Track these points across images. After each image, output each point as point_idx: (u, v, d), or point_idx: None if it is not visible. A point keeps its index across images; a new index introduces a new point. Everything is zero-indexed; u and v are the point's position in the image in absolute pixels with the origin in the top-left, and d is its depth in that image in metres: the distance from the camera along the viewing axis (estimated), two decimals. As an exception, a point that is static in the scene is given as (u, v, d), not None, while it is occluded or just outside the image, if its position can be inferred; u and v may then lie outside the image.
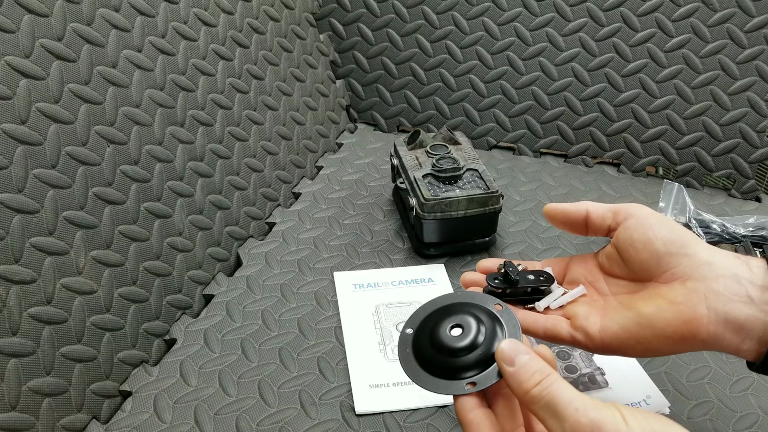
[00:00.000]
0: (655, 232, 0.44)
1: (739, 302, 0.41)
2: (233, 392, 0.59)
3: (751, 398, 0.58)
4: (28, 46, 0.57)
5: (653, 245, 0.44)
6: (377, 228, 0.80)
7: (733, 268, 0.42)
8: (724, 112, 0.88)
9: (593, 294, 0.49)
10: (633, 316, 0.44)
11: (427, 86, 0.98)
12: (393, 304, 0.69)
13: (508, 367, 0.38)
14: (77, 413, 0.55)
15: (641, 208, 0.47)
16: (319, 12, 1.01)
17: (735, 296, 0.41)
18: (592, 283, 0.49)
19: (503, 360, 0.39)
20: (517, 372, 0.38)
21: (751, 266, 0.42)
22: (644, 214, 0.46)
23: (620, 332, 0.44)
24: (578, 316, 0.47)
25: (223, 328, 0.65)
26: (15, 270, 0.53)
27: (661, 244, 0.44)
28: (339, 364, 0.62)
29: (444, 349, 0.42)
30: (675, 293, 0.43)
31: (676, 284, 0.43)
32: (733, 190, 0.89)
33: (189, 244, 0.70)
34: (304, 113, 0.93)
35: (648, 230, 0.45)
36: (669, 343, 0.43)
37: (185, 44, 0.74)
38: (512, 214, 0.82)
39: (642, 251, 0.45)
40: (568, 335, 0.47)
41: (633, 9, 0.89)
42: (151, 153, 0.67)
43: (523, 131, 0.96)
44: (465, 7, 0.95)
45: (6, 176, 0.53)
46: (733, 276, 0.42)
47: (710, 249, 0.44)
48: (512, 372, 0.38)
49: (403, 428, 0.56)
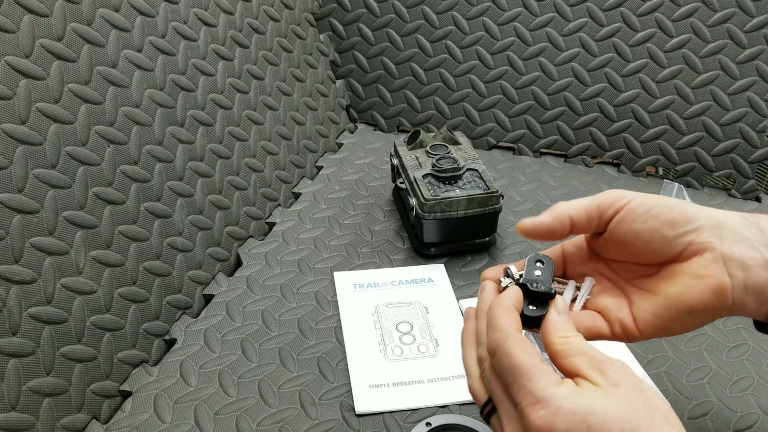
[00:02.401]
0: (659, 219, 0.43)
1: (756, 266, 0.41)
2: (233, 392, 0.59)
3: (751, 398, 0.58)
4: (28, 46, 0.57)
5: (660, 232, 0.43)
6: (377, 228, 0.80)
7: (743, 232, 0.42)
8: (724, 112, 0.88)
9: (602, 281, 0.48)
10: (661, 300, 0.43)
11: (427, 86, 0.98)
12: (393, 304, 0.69)
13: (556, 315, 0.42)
14: (77, 413, 0.55)
15: (626, 196, 0.44)
16: (319, 12, 1.01)
17: (752, 261, 0.41)
18: (597, 270, 0.48)
19: (556, 307, 0.42)
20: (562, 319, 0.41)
21: (762, 228, 0.42)
22: (637, 203, 0.43)
23: (654, 319, 0.43)
24: (609, 309, 0.46)
25: (223, 328, 0.65)
26: (15, 270, 0.53)
27: (668, 228, 0.42)
28: (339, 364, 0.62)
29: None
30: (696, 267, 0.42)
31: (695, 259, 0.42)
32: (733, 190, 0.89)
33: (189, 244, 0.70)
34: (304, 113, 0.93)
35: (649, 219, 0.43)
36: (702, 317, 0.42)
37: (185, 44, 0.74)
38: (512, 214, 0.82)
39: (650, 241, 0.43)
40: (608, 331, 0.45)
41: (633, 9, 0.89)
42: (151, 153, 0.67)
43: (523, 131, 0.96)
44: (465, 7, 0.95)
45: (6, 176, 0.53)
46: (745, 240, 0.41)
47: (714, 214, 0.43)
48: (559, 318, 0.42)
49: (403, 428, 0.56)
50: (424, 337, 0.64)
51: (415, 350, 0.63)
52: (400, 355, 0.63)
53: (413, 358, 0.62)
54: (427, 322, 0.66)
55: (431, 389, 0.59)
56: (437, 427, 0.55)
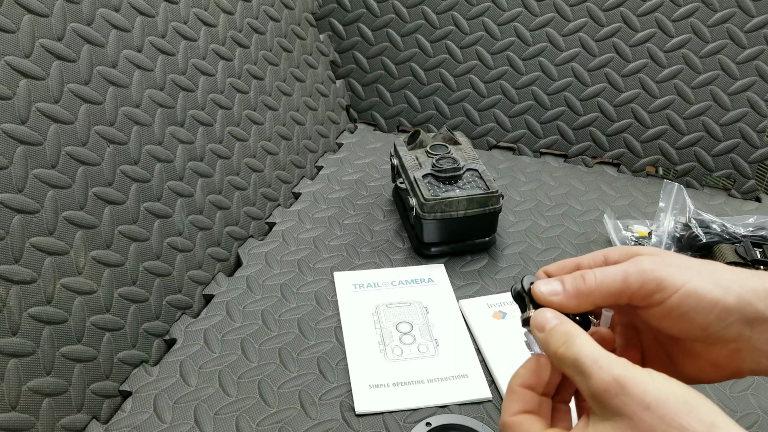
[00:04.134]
0: (693, 324, 0.39)
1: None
2: (233, 392, 0.59)
3: (751, 398, 0.58)
4: (28, 46, 0.57)
5: (691, 333, 0.39)
6: (377, 228, 0.80)
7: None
8: (724, 112, 0.87)
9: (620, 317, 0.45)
10: (675, 371, 0.42)
11: (427, 86, 0.98)
12: (393, 304, 0.69)
13: (540, 334, 0.39)
14: (77, 413, 0.55)
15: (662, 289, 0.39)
16: (319, 12, 1.01)
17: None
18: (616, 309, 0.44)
19: (535, 327, 0.40)
20: (546, 337, 0.39)
21: None
22: (673, 304, 0.39)
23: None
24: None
25: (223, 328, 0.65)
26: (15, 270, 0.53)
27: (700, 330, 0.39)
28: (339, 364, 0.62)
29: None
30: (717, 356, 0.40)
31: (718, 347, 0.40)
32: (733, 190, 0.89)
33: (189, 244, 0.70)
34: (304, 113, 0.93)
35: (682, 322, 0.39)
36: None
37: (185, 44, 0.74)
38: (512, 214, 0.82)
39: (678, 335, 0.40)
40: None
41: (633, 9, 0.89)
42: (151, 153, 0.67)
43: (523, 131, 0.96)
44: (465, 7, 0.95)
45: (6, 176, 0.53)
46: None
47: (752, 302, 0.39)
48: (543, 337, 0.39)
49: (403, 428, 0.56)
50: (424, 337, 0.64)
51: (415, 350, 0.63)
52: (400, 355, 0.63)
53: (413, 358, 0.62)
54: (427, 322, 0.66)
55: (431, 389, 0.59)
56: (437, 427, 0.55)
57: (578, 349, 0.36)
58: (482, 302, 0.68)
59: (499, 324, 0.66)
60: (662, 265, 0.40)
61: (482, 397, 0.58)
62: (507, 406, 0.39)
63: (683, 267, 0.40)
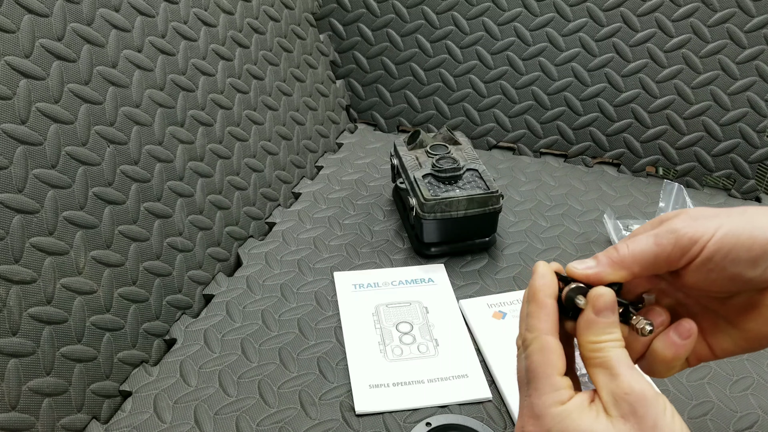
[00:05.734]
0: (739, 263, 0.38)
1: None
2: (233, 392, 0.59)
3: (751, 398, 0.58)
4: (28, 46, 0.57)
5: (742, 277, 0.38)
6: (377, 228, 0.80)
7: None
8: (724, 112, 0.88)
9: (666, 300, 0.44)
10: (740, 333, 0.41)
11: (427, 86, 0.98)
12: (393, 304, 0.69)
13: (592, 314, 0.39)
14: (77, 413, 0.56)
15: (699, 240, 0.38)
16: (319, 12, 1.01)
17: None
18: (661, 289, 0.44)
19: (594, 305, 0.38)
20: (596, 321, 0.38)
21: None
22: (712, 250, 0.38)
23: (734, 348, 0.42)
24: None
25: (223, 328, 0.65)
26: (15, 270, 0.53)
27: (749, 269, 0.38)
28: (339, 364, 0.62)
29: None
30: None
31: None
32: (733, 190, 0.89)
33: (189, 244, 0.70)
34: (304, 113, 0.93)
35: (728, 266, 0.38)
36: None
37: (185, 44, 0.74)
38: (512, 214, 0.82)
39: (731, 285, 0.39)
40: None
41: (633, 9, 0.89)
42: (151, 153, 0.67)
43: (523, 131, 0.96)
44: (465, 7, 0.95)
45: (6, 176, 0.53)
46: None
47: None
48: (593, 319, 0.38)
49: (403, 428, 0.56)
50: (424, 337, 0.64)
51: (415, 350, 0.63)
52: (400, 355, 0.63)
53: (413, 358, 0.62)
54: (427, 322, 0.66)
55: (431, 389, 0.59)
56: (437, 427, 0.55)
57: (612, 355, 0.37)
58: (482, 302, 0.68)
59: (499, 324, 0.66)
60: (691, 219, 0.39)
61: (482, 397, 0.58)
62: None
63: (712, 216, 0.39)
